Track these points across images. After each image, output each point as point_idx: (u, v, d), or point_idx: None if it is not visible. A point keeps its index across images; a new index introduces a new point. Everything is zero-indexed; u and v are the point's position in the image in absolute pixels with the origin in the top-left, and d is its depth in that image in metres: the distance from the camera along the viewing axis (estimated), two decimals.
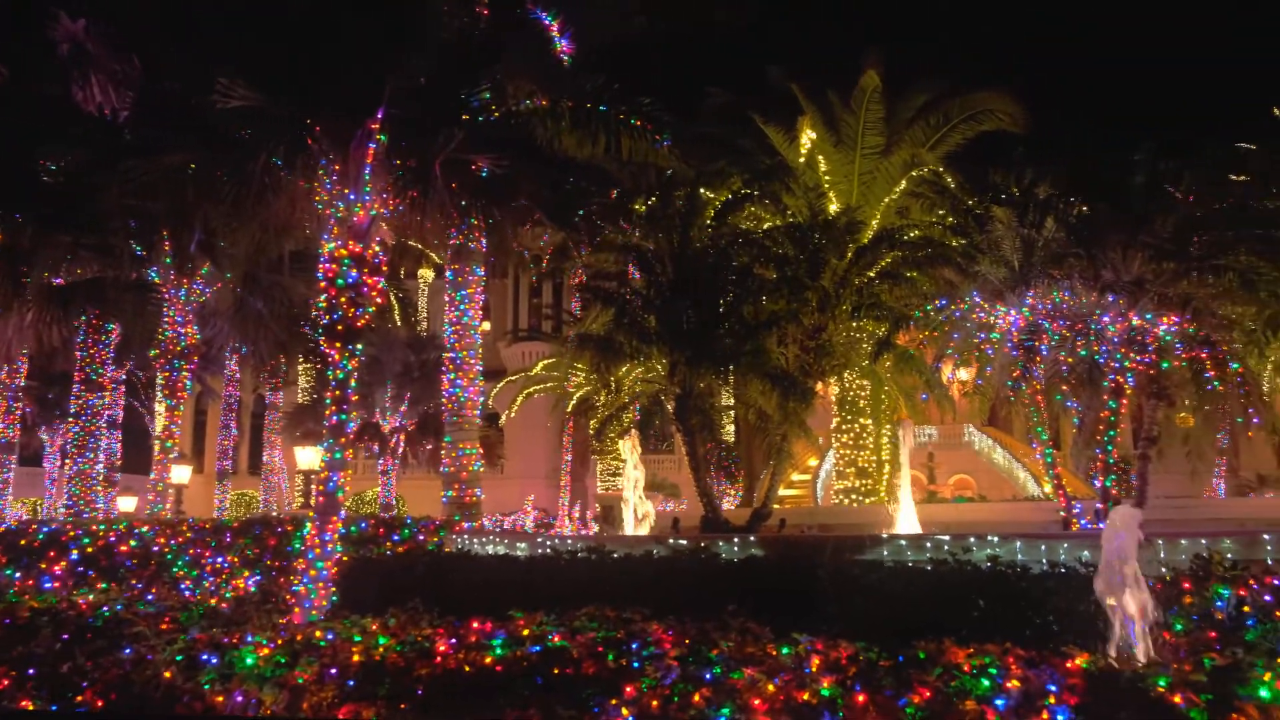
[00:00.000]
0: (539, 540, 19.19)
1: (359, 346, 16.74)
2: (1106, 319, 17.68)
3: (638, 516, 21.64)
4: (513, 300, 53.42)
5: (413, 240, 31.10)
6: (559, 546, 17.54)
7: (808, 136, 27.61)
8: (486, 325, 54.57)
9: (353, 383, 16.54)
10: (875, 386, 25.19)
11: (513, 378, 40.96)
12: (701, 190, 22.94)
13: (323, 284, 15.70)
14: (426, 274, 49.16)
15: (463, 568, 16.49)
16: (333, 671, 9.41)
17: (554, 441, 42.81)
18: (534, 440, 46.56)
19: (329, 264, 15.69)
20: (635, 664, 8.96)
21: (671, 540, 17.77)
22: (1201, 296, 17.73)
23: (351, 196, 16.05)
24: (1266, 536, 14.41)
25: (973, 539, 15.57)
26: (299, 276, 27.03)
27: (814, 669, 8.29)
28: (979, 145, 26.60)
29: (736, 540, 17.05)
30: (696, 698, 7.97)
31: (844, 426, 26.06)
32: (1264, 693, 7.18)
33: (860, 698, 7.52)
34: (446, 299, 23.65)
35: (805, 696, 7.66)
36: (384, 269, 17.46)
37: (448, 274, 24.24)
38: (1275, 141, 24.58)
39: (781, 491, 36.14)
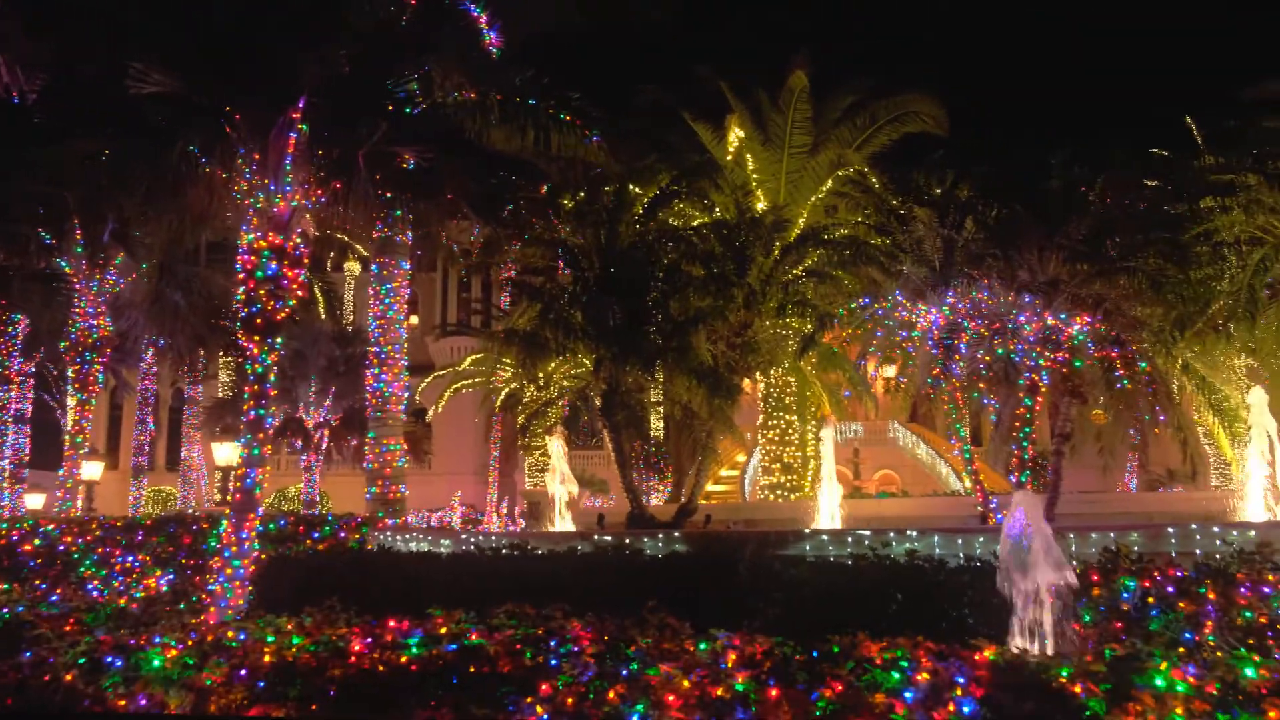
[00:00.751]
0: (463, 537, 19.02)
1: (279, 340, 16.44)
2: (1023, 318, 18.12)
3: (563, 512, 21.66)
4: (441, 294, 52.90)
5: (338, 233, 30.61)
6: (482, 543, 17.41)
7: (736, 135, 27.81)
8: (414, 319, 54.10)
9: (272, 377, 16.26)
10: (801, 383, 25.48)
11: (441, 373, 40.58)
12: (630, 186, 22.96)
13: (241, 276, 15.40)
14: (353, 266, 48.42)
15: (384, 565, 16.25)
16: (242, 673, 9.20)
17: (482, 437, 42.59)
18: (462, 436, 46.21)
19: (248, 256, 15.37)
20: (553, 661, 8.92)
21: (596, 536, 17.77)
22: (1113, 297, 18.25)
23: (272, 187, 15.73)
24: (1171, 530, 14.94)
25: (892, 534, 15.86)
26: (218, 268, 26.47)
27: (730, 665, 8.35)
28: (903, 147, 27.09)
29: (661, 536, 17.10)
30: (611, 695, 7.97)
31: (770, 423, 26.31)
32: (1159, 681, 7.41)
33: (773, 692, 7.59)
34: (371, 292, 23.32)
35: (719, 692, 7.71)
36: (305, 261, 17.11)
37: (372, 267, 23.91)
38: (1187, 149, 25.39)
39: (710, 487, 36.45)
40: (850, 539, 15.97)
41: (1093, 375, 18.43)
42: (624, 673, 8.34)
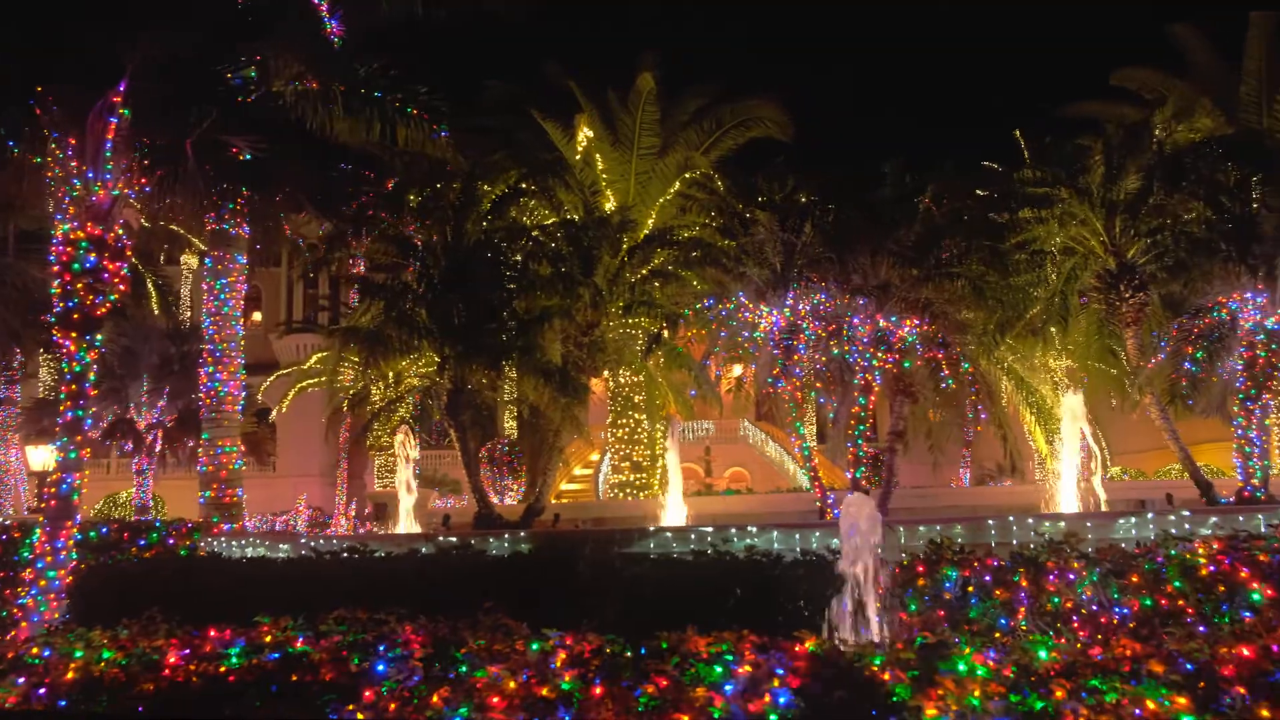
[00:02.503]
0: (303, 541, 18.48)
1: (99, 337, 15.57)
2: (857, 320, 18.86)
3: (409, 513, 21.32)
4: (287, 290, 51.12)
5: (172, 224, 29.15)
6: (321, 547, 16.95)
7: (585, 134, 27.89)
8: (257, 315, 52.17)
9: (91, 376, 15.38)
10: (648, 383, 25.78)
11: (285, 371, 39.28)
12: (478, 183, 22.73)
13: (57, 268, 14.54)
14: (190, 260, 46.21)
15: (215, 573, 15.62)
16: (41, 691, 8.67)
17: (330, 438, 41.31)
18: (308, 436, 44.66)
19: (64, 247, 14.52)
20: (380, 667, 8.75)
21: (441, 538, 17.56)
22: (940, 301, 19.18)
23: (90, 174, 14.89)
24: (991, 522, 15.81)
25: (733, 530, 16.25)
26: (33, 259, 24.81)
27: (559, 664, 8.36)
28: (749, 151, 27.72)
29: (506, 536, 17.03)
30: (435, 699, 7.89)
31: (619, 422, 26.51)
32: (961, 666, 7.82)
33: (597, 690, 7.66)
34: (205, 287, 22.35)
35: (544, 691, 7.72)
36: (129, 254, 16.23)
37: (206, 261, 22.94)
38: (1016, 162, 26.84)
39: (565, 486, 36.47)
40: (693, 535, 16.28)
41: (922, 375, 19.33)
42: (451, 675, 8.25)
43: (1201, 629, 10.51)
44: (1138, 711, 7.07)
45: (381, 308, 20.62)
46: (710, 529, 16.40)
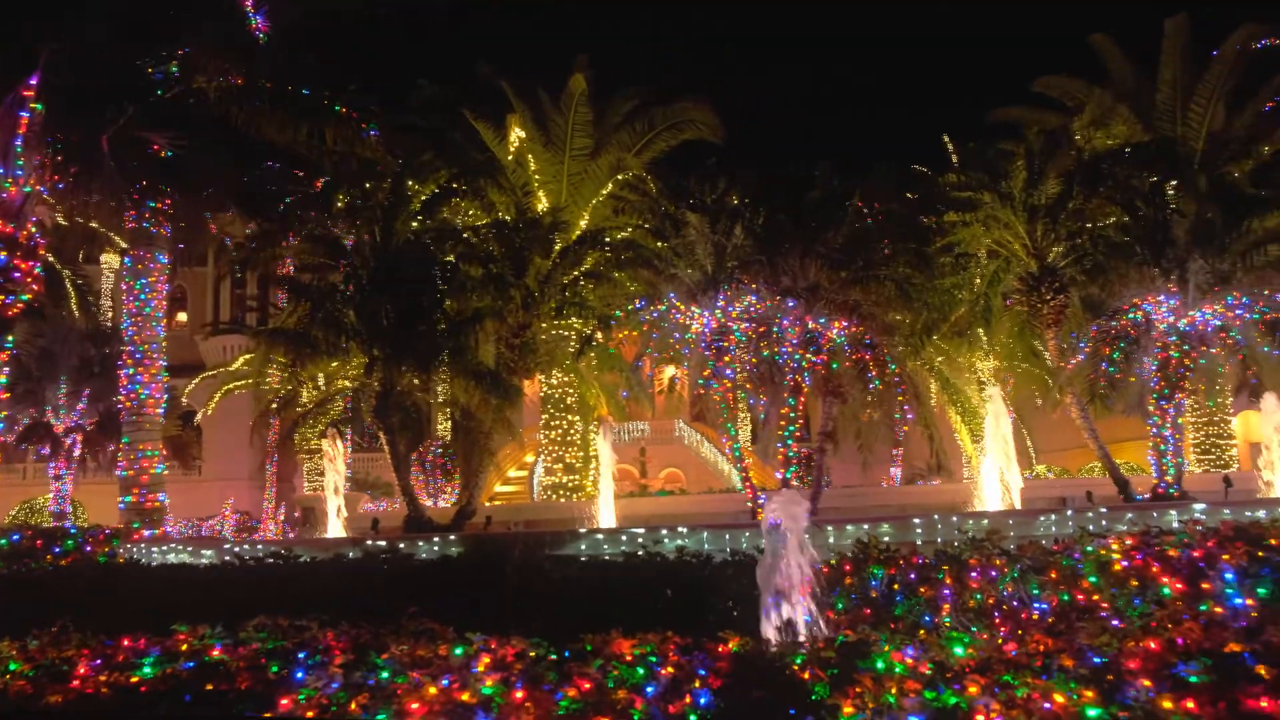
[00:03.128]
0: (226, 547, 18.09)
1: (9, 338, 15.09)
2: (786, 322, 19.04)
3: (338, 516, 21.01)
4: (214, 290, 50.03)
5: (91, 222, 28.34)
6: (245, 553, 16.63)
7: (517, 135, 27.73)
8: (183, 316, 50.97)
9: (2, 378, 14.90)
10: (581, 384, 25.73)
11: (211, 373, 38.48)
12: (408, 183, 22.47)
13: None
14: (111, 259, 44.94)
15: (134, 581, 15.27)
16: None
17: (257, 441, 40.49)
18: (236, 439, 43.72)
19: None
20: (299, 674, 8.60)
21: (369, 542, 17.34)
22: (868, 303, 19.44)
23: (0, 170, 14.43)
24: (917, 520, 16.11)
25: (664, 531, 16.33)
26: None
27: (481, 668, 8.30)
28: (681, 153, 27.77)
29: (436, 539, 16.90)
30: (354, 705, 7.78)
31: (552, 423, 26.42)
32: (880, 664, 7.94)
33: (518, 694, 7.62)
34: (124, 287, 21.76)
35: (465, 697, 7.66)
36: (42, 252, 15.76)
37: (126, 260, 22.34)
38: (944, 165, 27.33)
39: (499, 488, 36.22)
40: (624, 537, 16.33)
41: (850, 376, 19.58)
42: (370, 682, 8.15)
43: (1115, 623, 10.82)
44: (1047, 705, 7.24)
45: (308, 309, 20.27)
46: (641, 530, 16.46)
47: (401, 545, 16.69)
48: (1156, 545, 12.86)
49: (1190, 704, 7.08)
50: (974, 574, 12.72)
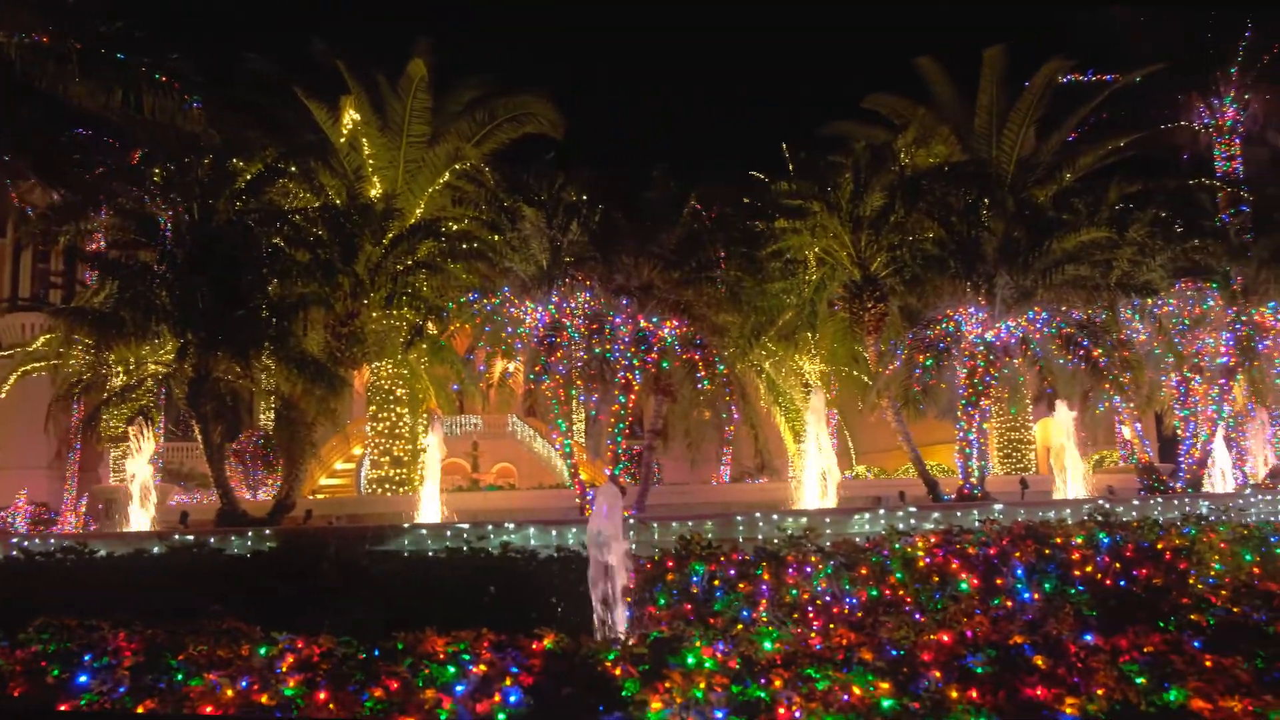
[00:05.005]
0: (13, 541, 16.76)
1: None
2: (619, 320, 19.18)
3: (142, 509, 19.87)
4: (13, 264, 46.28)
5: None
6: (34, 548, 15.47)
7: (352, 117, 26.82)
8: None
9: None
10: (411, 376, 25.15)
11: (8, 353, 35.58)
12: (233, 160, 21.39)
13: None
14: None
15: None
16: None
17: (59, 427, 37.71)
18: (34, 425, 40.39)
19: None
20: (83, 678, 8.05)
21: (176, 536, 16.45)
22: (699, 304, 19.83)
23: None
24: (739, 518, 16.50)
25: (490, 526, 16.17)
26: None
27: (284, 669, 7.98)
28: (521, 146, 27.53)
29: (250, 534, 16.19)
30: (142, 709, 7.34)
31: (380, 415, 25.71)
32: (690, 659, 8.07)
33: (322, 695, 7.36)
34: None
35: (264, 699, 7.34)
36: None
37: None
38: (782, 171, 28.10)
39: (325, 481, 35.01)
40: (449, 533, 16.07)
41: (680, 375, 19.90)
42: (162, 685, 7.70)
43: (917, 616, 11.39)
44: (845, 697, 7.53)
45: (117, 288, 19.03)
46: (467, 526, 16.26)
47: (212, 540, 15.90)
48: (957, 543, 13.62)
49: (974, 693, 7.51)
50: (791, 570, 13.16)
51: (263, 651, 8.56)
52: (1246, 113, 35.56)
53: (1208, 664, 8.22)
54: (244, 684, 7.62)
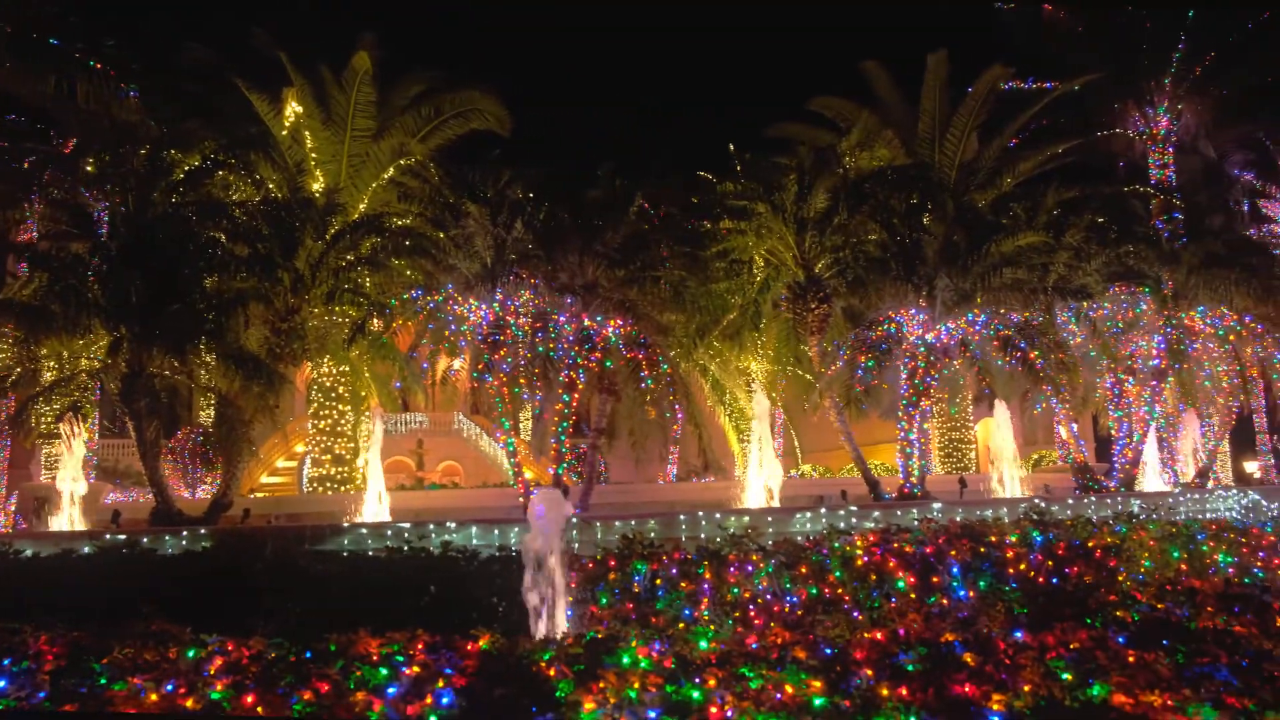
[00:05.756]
0: None
1: None
2: (563, 318, 19.12)
3: (73, 507, 19.40)
4: None
5: None
6: None
7: (294, 109, 26.41)
8: None
9: None
10: (353, 373, 24.84)
11: None
12: (171, 151, 20.95)
13: None
14: None
15: None
16: None
17: None
18: None
19: None
20: (1, 682, 7.82)
21: (107, 535, 16.08)
22: (643, 303, 19.85)
23: None
24: (682, 517, 16.55)
25: (431, 525, 16.02)
26: None
27: (213, 671, 7.84)
28: (467, 142, 27.35)
29: (185, 533, 15.88)
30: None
31: (321, 413, 25.34)
32: (625, 659, 8.06)
33: (250, 698, 7.23)
34: None
35: (190, 703, 7.20)
36: None
37: None
38: (729, 172, 28.17)
39: (265, 479, 34.40)
40: (390, 532, 15.90)
41: (624, 375, 19.90)
42: (84, 689, 7.52)
43: (855, 614, 11.52)
44: (778, 696, 7.58)
45: (47, 280, 18.54)
46: (408, 525, 16.09)
47: (144, 540, 15.56)
48: (895, 542, 13.82)
49: (904, 691, 7.61)
50: (732, 569, 13.25)
51: (190, 654, 8.39)
52: (1179, 123, 36.55)
53: (1130, 659, 8.42)
54: (169, 688, 7.46)
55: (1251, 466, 35.18)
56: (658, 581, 13.24)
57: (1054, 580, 12.64)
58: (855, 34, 61.12)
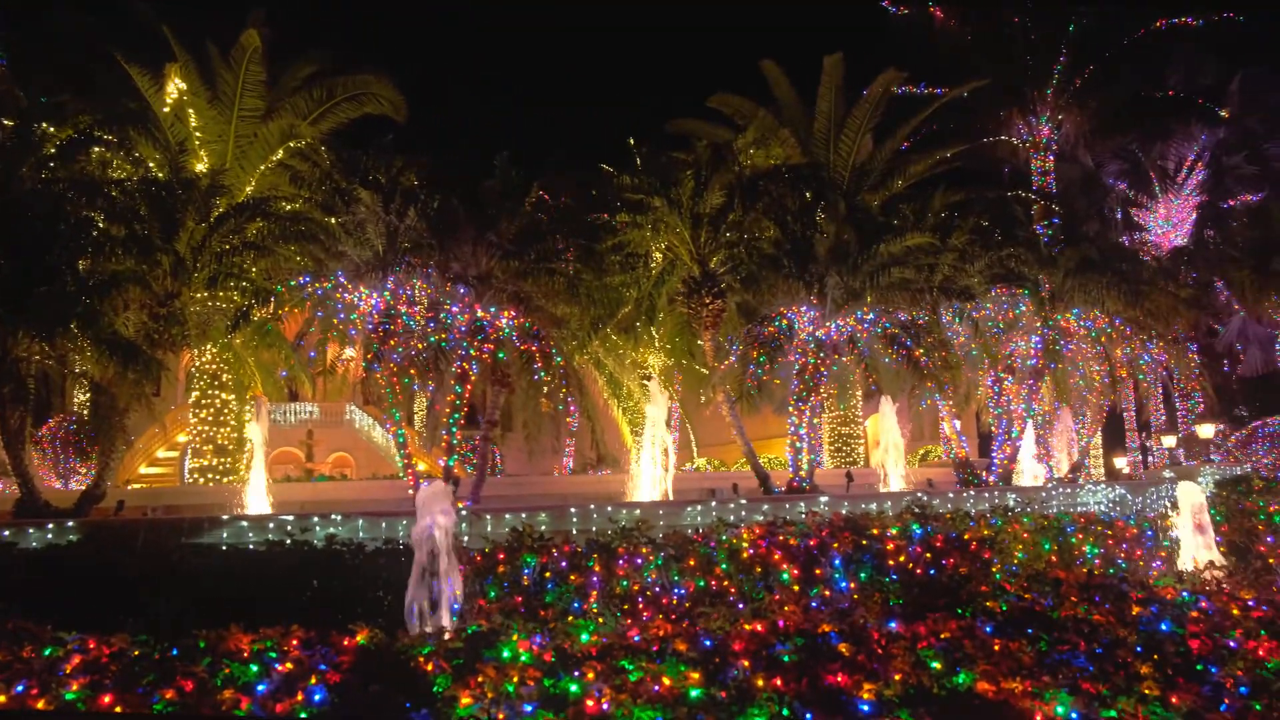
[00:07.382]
0: None
1: None
2: (456, 309, 18.87)
3: None
4: None
5: None
6: None
7: (177, 85, 25.39)
8: None
9: None
10: (236, 361, 24.07)
11: None
12: (41, 124, 19.92)
13: None
14: None
15: None
16: None
17: None
18: None
19: None
20: None
21: None
22: (538, 295, 19.72)
23: None
24: (572, 510, 16.52)
25: (315, 518, 15.66)
26: None
27: (69, 670, 7.50)
28: (361, 127, 26.72)
29: (50, 526, 15.17)
30: None
31: (203, 402, 24.49)
32: (505, 653, 8.01)
33: (107, 699, 6.94)
34: None
35: (42, 704, 6.87)
36: None
37: None
38: (630, 166, 28.12)
39: (145, 470, 33.10)
40: (272, 525, 15.48)
41: (517, 367, 19.76)
42: None
43: (740, 606, 11.67)
44: (656, 688, 7.62)
45: None
46: (291, 518, 15.69)
47: (6, 532, 14.80)
48: (779, 535, 14.05)
49: (779, 681, 7.73)
50: (622, 562, 13.31)
51: (47, 653, 8.01)
52: (1060, 132, 38.09)
53: (996, 648, 8.73)
54: (19, 688, 7.10)
55: (1121, 462, 36.98)
56: (547, 575, 13.22)
57: (931, 572, 13.02)
58: (757, 33, 62.00)
